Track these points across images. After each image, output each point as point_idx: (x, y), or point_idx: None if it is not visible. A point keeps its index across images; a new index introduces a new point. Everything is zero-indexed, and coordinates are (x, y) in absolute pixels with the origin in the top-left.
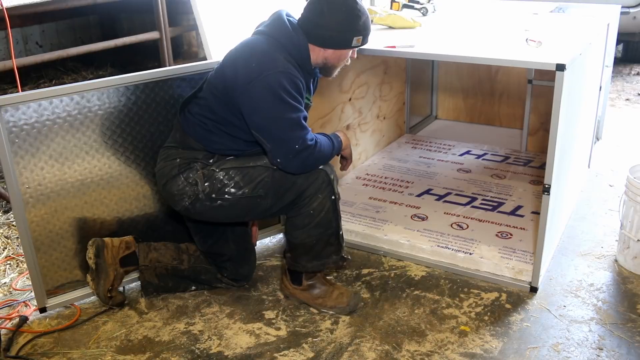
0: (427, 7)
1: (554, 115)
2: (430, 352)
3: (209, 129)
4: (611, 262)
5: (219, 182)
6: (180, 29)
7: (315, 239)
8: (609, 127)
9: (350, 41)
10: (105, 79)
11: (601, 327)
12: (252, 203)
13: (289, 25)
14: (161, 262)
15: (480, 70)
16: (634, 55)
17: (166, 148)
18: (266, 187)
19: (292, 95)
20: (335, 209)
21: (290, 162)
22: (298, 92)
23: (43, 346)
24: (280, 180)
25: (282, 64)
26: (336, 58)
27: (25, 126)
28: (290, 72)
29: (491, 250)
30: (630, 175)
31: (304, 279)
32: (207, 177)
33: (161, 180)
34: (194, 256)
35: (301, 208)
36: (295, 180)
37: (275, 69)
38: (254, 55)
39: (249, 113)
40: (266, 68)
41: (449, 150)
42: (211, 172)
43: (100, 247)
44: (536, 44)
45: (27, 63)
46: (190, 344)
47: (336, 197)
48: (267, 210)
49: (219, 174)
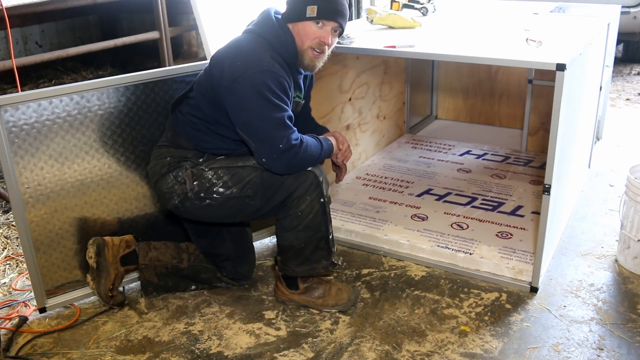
0: (427, 7)
1: (554, 115)
2: (431, 352)
3: (198, 128)
4: (611, 262)
5: (207, 181)
6: (180, 29)
7: (303, 242)
8: (609, 127)
9: (304, 12)
10: (105, 79)
11: (601, 327)
12: (241, 203)
13: (275, 23)
14: (161, 261)
15: (480, 70)
16: (635, 55)
17: (158, 147)
18: (255, 187)
19: (276, 94)
20: (325, 212)
21: (275, 161)
22: (283, 91)
23: (43, 346)
24: (269, 181)
25: (267, 63)
26: (299, 36)
27: (25, 126)
28: (275, 71)
29: (491, 250)
30: (630, 175)
31: (300, 282)
32: (196, 176)
33: (152, 178)
34: (194, 255)
35: (289, 209)
36: (284, 181)
37: (260, 67)
38: (240, 54)
39: (234, 112)
40: (251, 67)
41: (449, 150)
42: (200, 171)
43: (100, 245)
44: (536, 43)
45: (26, 63)
46: (190, 344)
47: (325, 200)
48: (257, 211)
49: (208, 174)
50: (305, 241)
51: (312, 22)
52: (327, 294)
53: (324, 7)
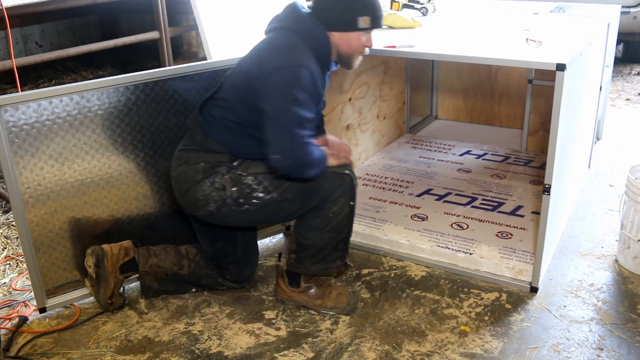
0: (427, 7)
1: (554, 115)
2: (431, 352)
3: (234, 132)
4: (611, 262)
5: (247, 187)
6: (180, 29)
7: (326, 242)
8: (609, 127)
9: (356, 22)
10: (105, 79)
11: (601, 327)
12: (279, 207)
13: (307, 18)
14: (161, 268)
15: (480, 70)
16: (635, 55)
17: (184, 151)
18: (294, 191)
19: (306, 91)
20: (351, 215)
21: (284, 158)
22: (314, 90)
23: (43, 346)
24: (307, 185)
25: (304, 58)
26: (345, 44)
27: (25, 126)
28: (311, 66)
29: (491, 250)
30: (630, 175)
31: (302, 281)
32: (235, 182)
33: (183, 185)
34: (194, 261)
35: (321, 211)
36: (322, 184)
37: (296, 62)
38: (277, 49)
39: (262, 98)
40: (288, 61)
41: (449, 150)
42: (238, 176)
43: (100, 256)
44: (536, 43)
45: (26, 63)
46: (190, 344)
47: (354, 204)
48: (292, 214)
49: (248, 179)
50: (328, 242)
51: (362, 32)
52: (326, 295)
53: (375, 17)
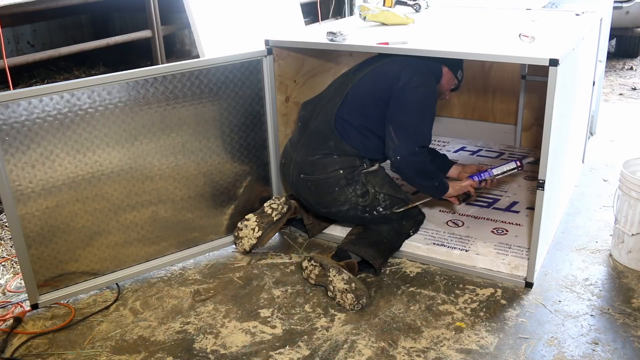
0: (419, 4)
1: (547, 110)
2: (426, 348)
3: (365, 135)
4: (606, 256)
5: (375, 201)
6: (172, 28)
7: (388, 239)
8: (603, 122)
9: (457, 71)
10: (95, 77)
11: (596, 321)
12: (381, 219)
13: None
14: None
15: (474, 66)
16: (627, 50)
17: (321, 158)
18: (399, 215)
19: (433, 112)
20: (407, 237)
21: (409, 159)
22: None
23: (38, 347)
24: (406, 213)
25: (435, 87)
26: (446, 82)
27: (16, 124)
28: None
29: (487, 247)
30: (624, 170)
31: (343, 261)
32: (368, 194)
33: (328, 188)
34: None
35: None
36: (411, 213)
37: (431, 86)
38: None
39: (395, 110)
40: (425, 83)
41: (444, 147)
42: (372, 192)
43: (290, 207)
44: (529, 39)
45: (18, 63)
46: (186, 344)
47: (412, 234)
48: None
49: (380, 196)
50: (389, 240)
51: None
52: (355, 275)
53: (461, 80)
